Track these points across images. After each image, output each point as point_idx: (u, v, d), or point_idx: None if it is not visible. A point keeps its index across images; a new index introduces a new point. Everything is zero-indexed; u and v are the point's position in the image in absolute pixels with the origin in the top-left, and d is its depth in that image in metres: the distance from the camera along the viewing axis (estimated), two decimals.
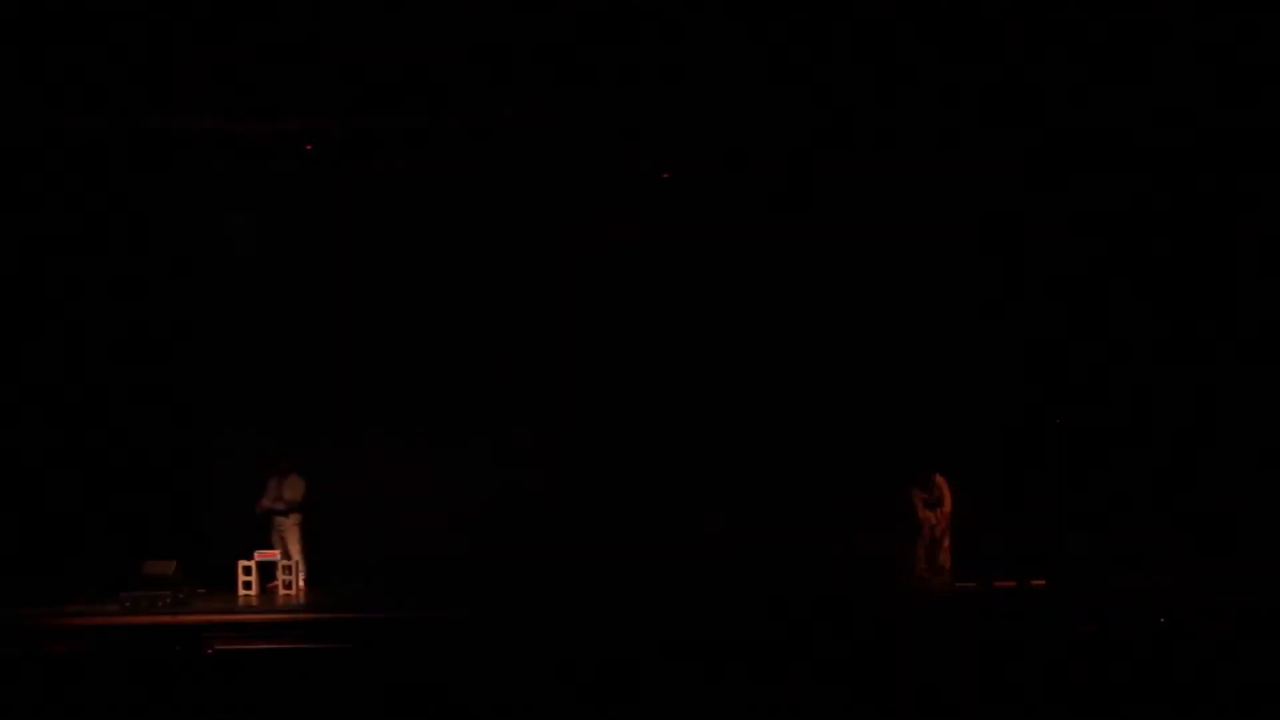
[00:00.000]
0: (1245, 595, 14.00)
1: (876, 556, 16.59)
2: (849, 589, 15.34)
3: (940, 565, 16.16)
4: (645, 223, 18.39)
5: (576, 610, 14.50)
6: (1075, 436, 17.17)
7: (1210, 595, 14.13)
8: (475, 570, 17.05)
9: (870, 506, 16.92)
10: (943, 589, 15.74)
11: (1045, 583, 15.71)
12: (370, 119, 16.07)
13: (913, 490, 16.23)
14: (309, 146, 16.78)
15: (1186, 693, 9.59)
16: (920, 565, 16.14)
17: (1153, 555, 16.47)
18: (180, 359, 18.32)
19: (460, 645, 10.98)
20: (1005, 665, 10.08)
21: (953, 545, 16.24)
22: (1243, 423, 17.54)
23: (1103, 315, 17.94)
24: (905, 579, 16.05)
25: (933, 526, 16.15)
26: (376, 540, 17.64)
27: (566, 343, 18.43)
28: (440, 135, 16.91)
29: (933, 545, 16.18)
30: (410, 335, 18.44)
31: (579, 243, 18.45)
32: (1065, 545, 16.23)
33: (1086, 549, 16.28)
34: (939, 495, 16.13)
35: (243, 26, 15.14)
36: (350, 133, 16.33)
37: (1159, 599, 13.68)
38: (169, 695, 8.52)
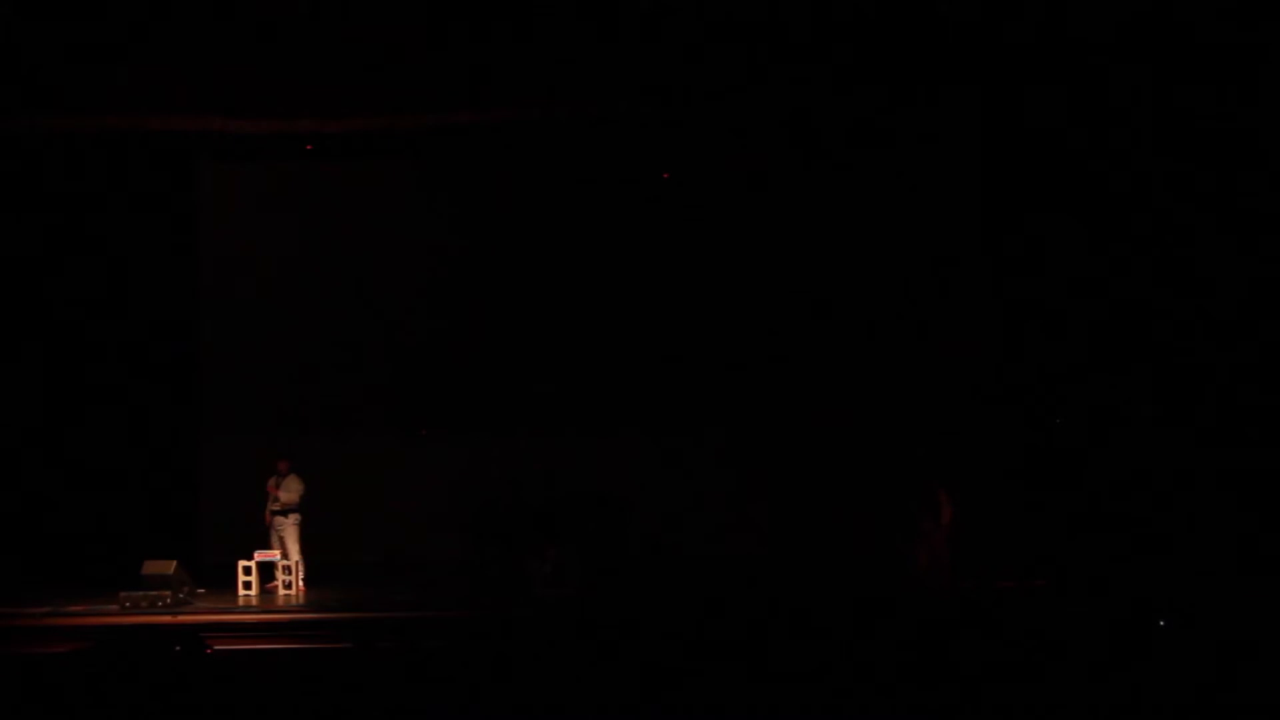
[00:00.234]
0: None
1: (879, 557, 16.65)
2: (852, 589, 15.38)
3: (941, 566, 16.13)
4: (645, 223, 18.46)
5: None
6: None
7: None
8: (475, 570, 17.07)
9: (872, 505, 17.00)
10: (943, 589, 15.74)
11: (1045, 583, 15.72)
12: (369, 119, 16.06)
13: (914, 503, 16.19)
14: (309, 147, 16.79)
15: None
16: (920, 564, 16.10)
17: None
18: (180, 359, 18.36)
19: (460, 645, 10.96)
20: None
21: (953, 551, 16.21)
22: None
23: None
24: (909, 576, 16.02)
25: (932, 539, 16.10)
26: (376, 540, 17.68)
27: (567, 342, 18.47)
28: (440, 135, 16.92)
29: (932, 555, 16.11)
30: (410, 335, 18.49)
31: (580, 241, 18.52)
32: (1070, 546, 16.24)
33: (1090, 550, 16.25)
34: (938, 507, 16.06)
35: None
36: (350, 133, 16.31)
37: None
38: (169, 695, 8.51)
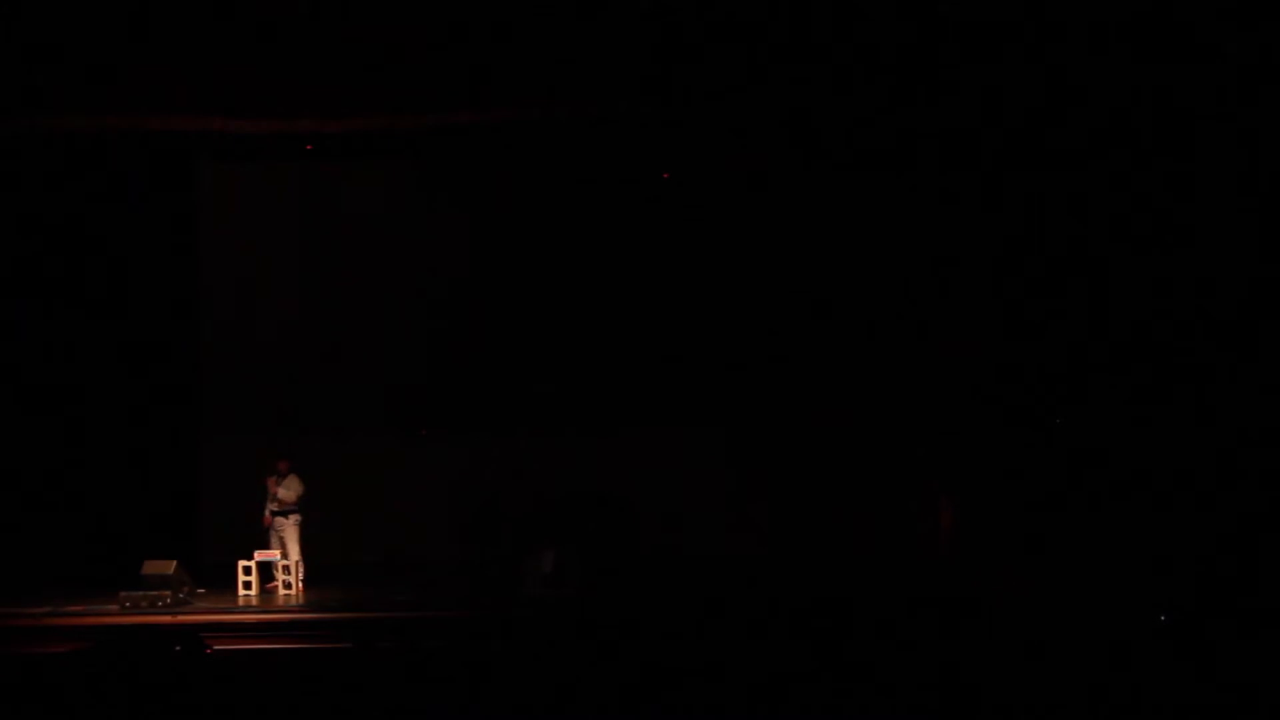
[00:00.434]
0: None
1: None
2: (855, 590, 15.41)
3: (940, 565, 16.14)
4: (645, 223, 18.46)
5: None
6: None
7: None
8: (475, 570, 17.07)
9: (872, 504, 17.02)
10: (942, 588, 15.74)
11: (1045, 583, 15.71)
12: (369, 119, 16.06)
13: (914, 503, 16.21)
14: (309, 147, 16.78)
15: None
16: (920, 563, 16.11)
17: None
18: (180, 359, 18.36)
19: (460, 645, 10.97)
20: None
21: (953, 551, 16.21)
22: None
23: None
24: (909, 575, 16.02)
25: (931, 539, 16.13)
26: (376, 540, 17.69)
27: (567, 342, 18.47)
28: (440, 135, 16.91)
29: (931, 555, 16.13)
30: (410, 335, 18.49)
31: (580, 241, 18.53)
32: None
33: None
34: (938, 507, 16.08)
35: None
36: (350, 133, 16.31)
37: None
38: (169, 695, 8.52)
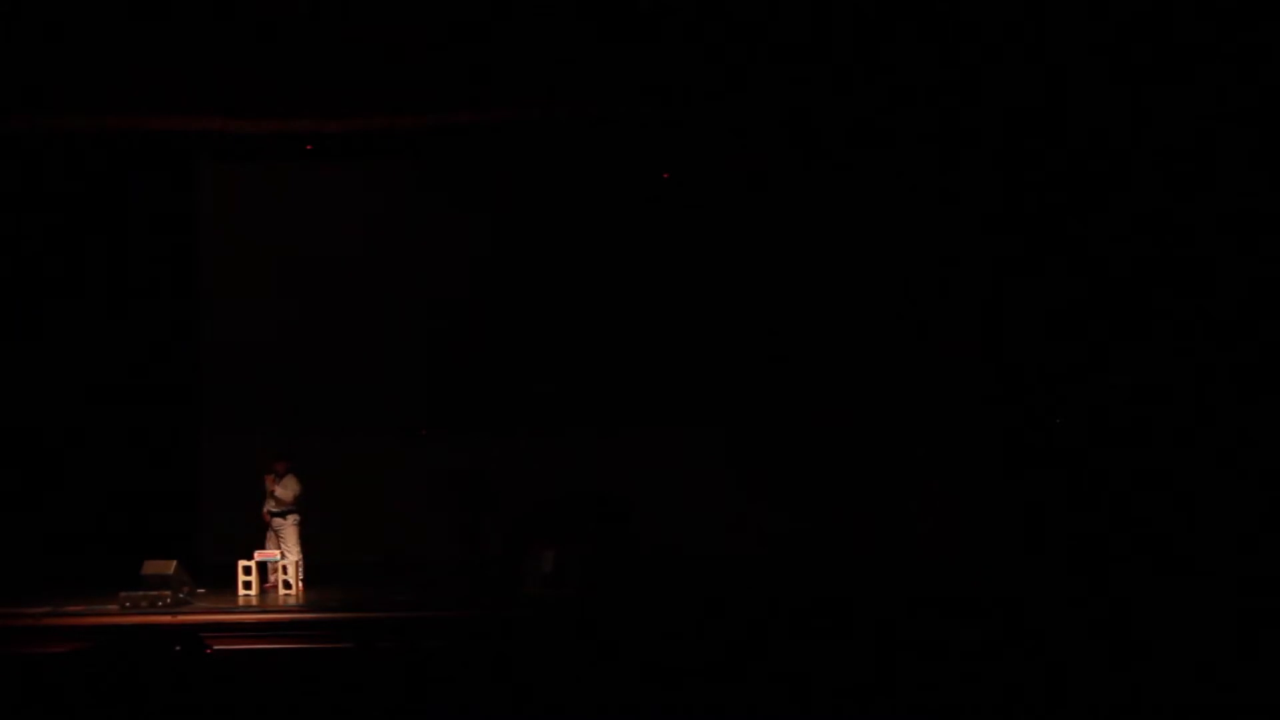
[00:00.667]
0: None
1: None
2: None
3: (940, 565, 16.12)
4: (645, 223, 18.46)
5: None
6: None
7: None
8: (475, 570, 17.07)
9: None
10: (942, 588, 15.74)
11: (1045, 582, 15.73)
12: (369, 119, 16.06)
13: (914, 503, 16.20)
14: (309, 147, 16.79)
15: None
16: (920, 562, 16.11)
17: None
18: (180, 359, 18.36)
19: (460, 645, 10.97)
20: None
21: (953, 551, 16.21)
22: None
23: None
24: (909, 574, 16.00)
25: (931, 538, 16.12)
26: (376, 540, 17.68)
27: (567, 341, 18.46)
28: (440, 135, 16.91)
29: (931, 555, 16.13)
30: (410, 335, 18.49)
31: (580, 241, 18.53)
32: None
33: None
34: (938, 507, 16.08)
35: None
36: (350, 133, 16.31)
37: None
38: (169, 695, 8.52)
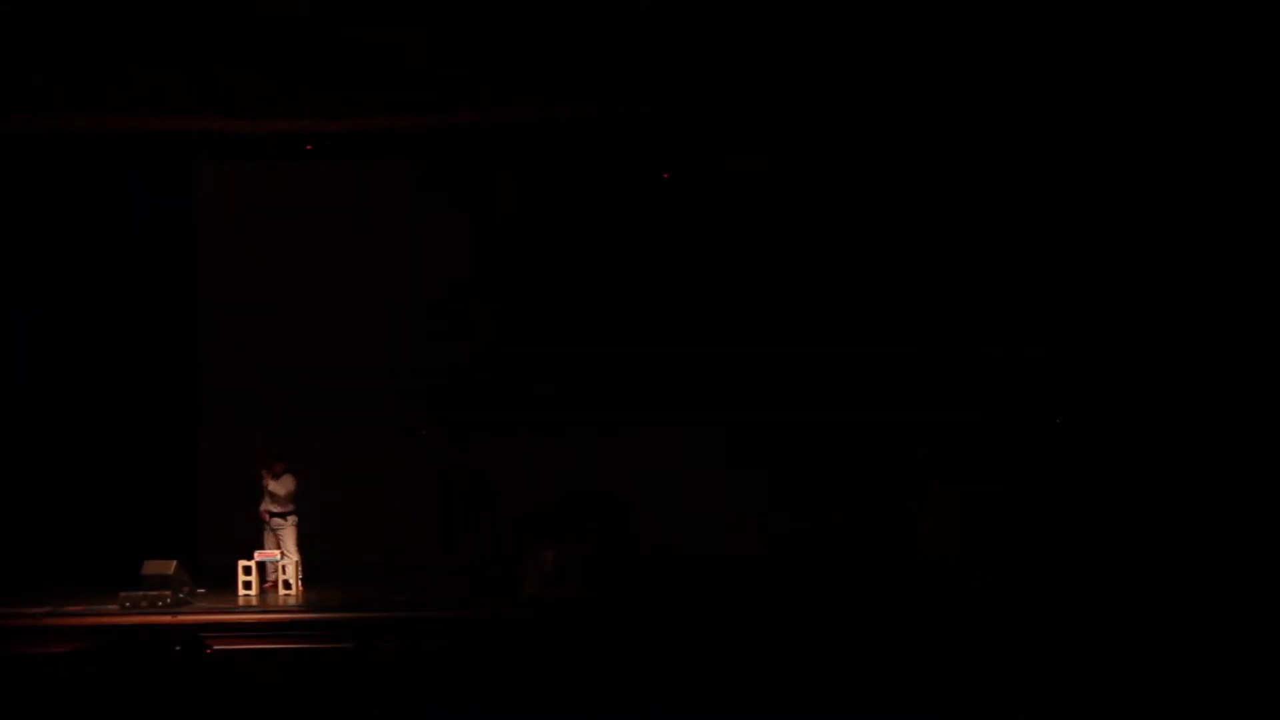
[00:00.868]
0: None
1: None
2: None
3: (940, 565, 16.12)
4: (645, 223, 18.47)
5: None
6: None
7: None
8: (475, 570, 17.07)
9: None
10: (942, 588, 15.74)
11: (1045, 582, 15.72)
12: (369, 119, 16.06)
13: (914, 503, 16.19)
14: (309, 147, 16.79)
15: None
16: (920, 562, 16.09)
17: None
18: (180, 359, 18.36)
19: (460, 645, 10.97)
20: None
21: (953, 551, 16.19)
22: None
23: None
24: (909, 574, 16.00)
25: (931, 539, 16.11)
26: (376, 540, 17.69)
27: (567, 341, 18.46)
28: (440, 135, 16.91)
29: (931, 555, 16.11)
30: (410, 335, 18.49)
31: (580, 241, 18.53)
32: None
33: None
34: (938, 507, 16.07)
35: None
36: (350, 133, 16.31)
37: None
38: (169, 695, 8.52)
